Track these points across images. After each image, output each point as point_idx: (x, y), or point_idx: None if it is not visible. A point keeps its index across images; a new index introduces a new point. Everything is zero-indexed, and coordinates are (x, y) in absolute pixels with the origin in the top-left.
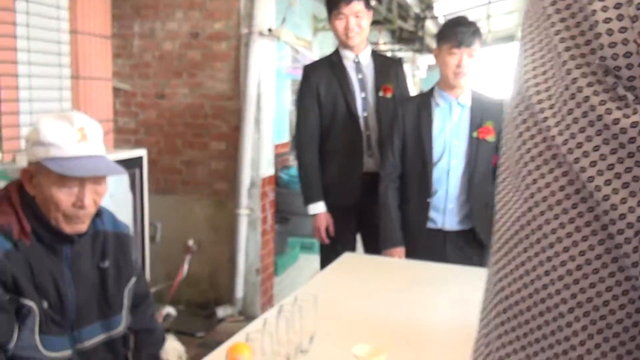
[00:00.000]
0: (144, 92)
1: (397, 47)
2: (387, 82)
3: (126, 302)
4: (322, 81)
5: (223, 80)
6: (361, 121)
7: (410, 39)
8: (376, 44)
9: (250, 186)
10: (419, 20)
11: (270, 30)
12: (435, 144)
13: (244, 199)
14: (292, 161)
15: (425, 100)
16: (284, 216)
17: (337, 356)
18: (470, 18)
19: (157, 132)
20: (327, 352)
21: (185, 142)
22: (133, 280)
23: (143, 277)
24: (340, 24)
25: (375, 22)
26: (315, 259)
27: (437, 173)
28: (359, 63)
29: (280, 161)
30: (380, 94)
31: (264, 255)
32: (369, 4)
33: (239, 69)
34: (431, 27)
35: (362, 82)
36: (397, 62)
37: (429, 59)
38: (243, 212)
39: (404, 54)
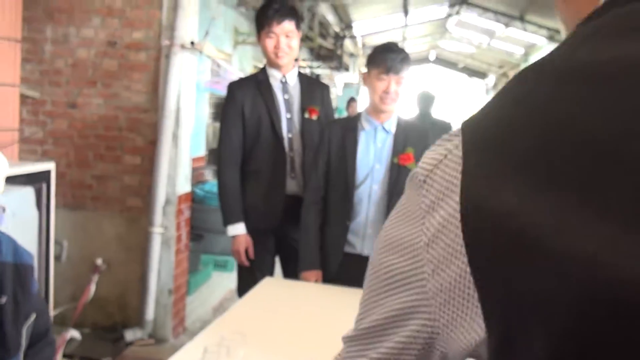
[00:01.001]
0: (54, 100)
1: (315, 64)
2: (313, 104)
3: (24, 342)
4: (247, 99)
5: (140, 92)
6: (285, 142)
7: (328, 56)
8: (297, 60)
9: (165, 203)
10: (338, 38)
11: (192, 43)
12: (359, 168)
13: (158, 217)
14: (208, 176)
15: (351, 123)
16: (198, 233)
17: None
18: (387, 39)
19: (66, 143)
20: None
21: (97, 155)
22: (33, 316)
23: (46, 312)
24: (270, 43)
25: None
26: (228, 276)
27: (358, 197)
28: (285, 83)
29: (195, 176)
30: (306, 115)
31: (178, 275)
32: (299, 25)
33: (157, 81)
34: (349, 45)
35: (288, 103)
36: (324, 85)
37: (345, 77)
38: (157, 230)
39: (322, 71)
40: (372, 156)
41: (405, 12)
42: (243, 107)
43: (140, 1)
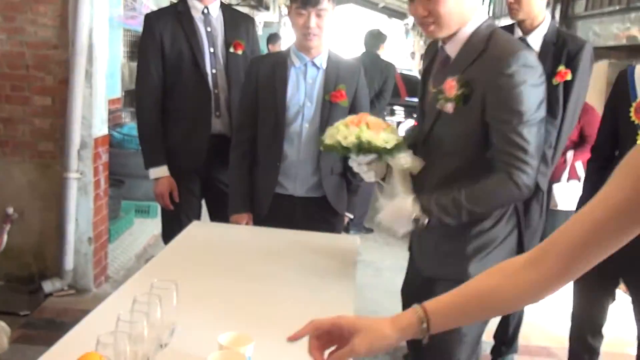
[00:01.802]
0: None
1: (234, 2)
2: (238, 37)
3: None
4: (166, 32)
5: (47, 26)
6: (209, 78)
7: None
8: None
9: (80, 147)
10: None
11: None
12: (289, 106)
13: (73, 162)
14: (126, 118)
15: (280, 59)
16: (118, 178)
17: (202, 347)
18: None
19: None
20: (190, 344)
21: (2, 96)
22: None
23: None
24: None
25: None
26: (151, 223)
27: (289, 136)
28: (208, 14)
29: (112, 118)
30: (231, 50)
31: (97, 222)
32: None
33: (66, 14)
34: None
35: (211, 36)
36: (249, 18)
37: (265, 16)
38: (72, 175)
39: (241, 8)
40: (302, 93)
41: None
42: (162, 40)
43: None
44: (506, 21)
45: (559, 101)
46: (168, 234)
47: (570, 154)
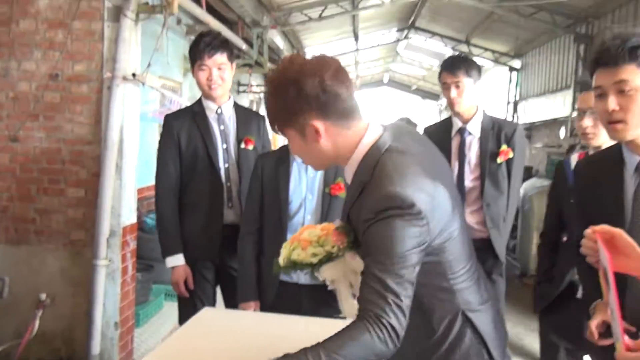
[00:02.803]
0: None
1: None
2: (248, 134)
3: None
4: (183, 131)
5: (83, 125)
6: (222, 172)
7: None
8: (249, 85)
9: (109, 235)
10: None
11: (134, 75)
12: (292, 199)
13: (102, 249)
14: None
15: (284, 154)
16: (149, 263)
17: None
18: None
19: (8, 177)
20: None
21: (40, 189)
22: None
23: None
24: (202, 75)
25: (246, 65)
26: None
27: (292, 227)
28: (221, 114)
29: (146, 205)
30: (242, 145)
31: (124, 307)
32: (231, 57)
33: (100, 113)
34: None
35: (223, 134)
36: (259, 116)
37: None
38: (101, 262)
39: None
40: (304, 187)
41: (356, 37)
42: (179, 138)
43: (82, 34)
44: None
45: (505, 177)
46: (184, 319)
47: None
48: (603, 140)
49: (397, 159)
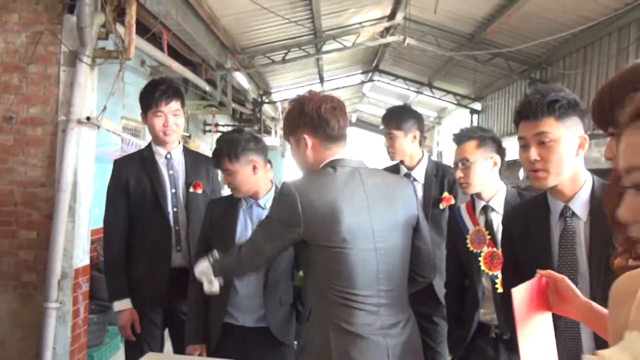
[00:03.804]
0: None
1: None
2: (197, 178)
3: None
4: (131, 175)
5: (36, 167)
6: (171, 216)
7: (250, 120)
8: (214, 125)
9: (61, 277)
10: (257, 104)
11: (88, 118)
12: (240, 240)
13: (53, 291)
14: None
15: (232, 201)
16: (105, 304)
17: None
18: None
19: None
20: None
21: None
22: None
23: None
24: (159, 122)
25: (210, 106)
26: None
27: None
28: (170, 159)
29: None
30: (191, 190)
31: (74, 351)
32: (184, 104)
33: (54, 156)
34: (270, 110)
35: (172, 178)
36: (209, 160)
37: (267, 140)
38: (52, 305)
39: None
40: (250, 231)
41: (321, 79)
42: (127, 182)
43: (37, 78)
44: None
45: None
46: None
47: None
48: (479, 189)
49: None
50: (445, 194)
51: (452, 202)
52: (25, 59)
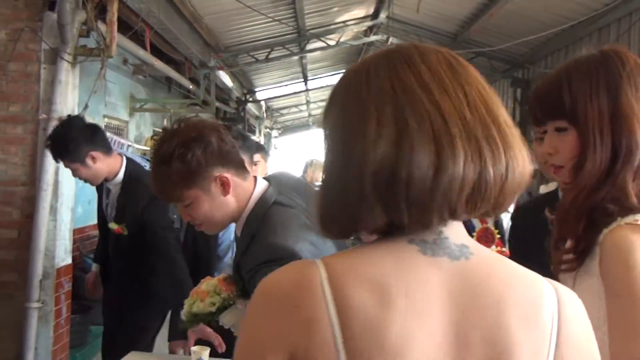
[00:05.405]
0: None
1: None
2: (123, 219)
3: None
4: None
5: (17, 165)
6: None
7: (234, 119)
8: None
9: (43, 277)
10: (241, 103)
11: (69, 116)
12: (223, 240)
13: (35, 291)
14: None
15: None
16: (87, 304)
17: None
18: (292, 103)
19: None
20: None
21: None
22: None
23: None
24: None
25: (194, 104)
26: None
27: (221, 268)
28: (109, 191)
29: (88, 244)
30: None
31: (57, 351)
32: (73, 157)
33: (35, 155)
34: (254, 109)
35: (107, 208)
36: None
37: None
38: (33, 305)
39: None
40: (232, 228)
41: (305, 78)
42: None
43: (18, 76)
44: None
45: None
46: None
47: None
48: None
49: (282, 212)
50: None
51: None
52: (5, 57)
